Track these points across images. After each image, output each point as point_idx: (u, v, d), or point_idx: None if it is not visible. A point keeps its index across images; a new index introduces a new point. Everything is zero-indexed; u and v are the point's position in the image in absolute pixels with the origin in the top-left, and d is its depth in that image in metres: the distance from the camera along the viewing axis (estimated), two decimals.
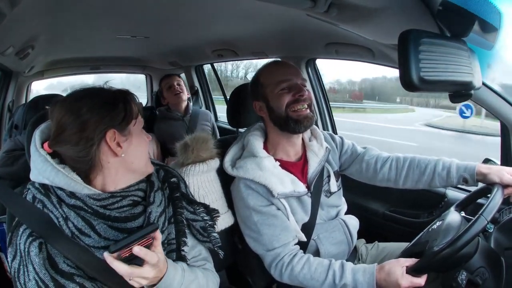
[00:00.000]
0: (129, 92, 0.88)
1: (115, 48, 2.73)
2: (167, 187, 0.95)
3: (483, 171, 1.10)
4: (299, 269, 1.10)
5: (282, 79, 1.17)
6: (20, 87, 2.91)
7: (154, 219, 0.85)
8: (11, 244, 0.78)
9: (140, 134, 0.87)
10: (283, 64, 1.26)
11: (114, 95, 0.84)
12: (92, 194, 0.80)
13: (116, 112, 0.82)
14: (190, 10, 1.59)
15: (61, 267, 0.75)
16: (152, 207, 0.86)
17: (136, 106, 0.87)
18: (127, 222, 0.82)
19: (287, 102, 1.16)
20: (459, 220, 1.03)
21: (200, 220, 0.97)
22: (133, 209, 0.84)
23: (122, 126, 0.82)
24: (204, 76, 3.38)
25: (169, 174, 0.98)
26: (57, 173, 0.78)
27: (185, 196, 0.97)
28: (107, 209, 0.81)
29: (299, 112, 1.16)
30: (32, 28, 1.64)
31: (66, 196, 0.79)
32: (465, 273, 0.93)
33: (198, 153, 1.21)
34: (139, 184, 0.88)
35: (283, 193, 1.14)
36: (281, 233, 1.14)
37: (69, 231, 0.77)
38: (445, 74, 0.80)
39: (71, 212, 0.78)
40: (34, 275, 0.73)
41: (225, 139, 1.42)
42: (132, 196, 0.85)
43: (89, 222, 0.78)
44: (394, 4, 0.91)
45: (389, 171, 1.27)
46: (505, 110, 1.23)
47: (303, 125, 1.16)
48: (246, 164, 1.16)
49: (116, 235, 0.79)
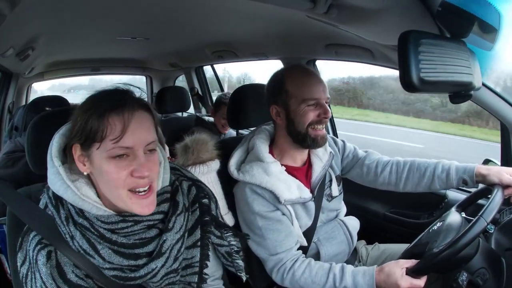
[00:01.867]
0: (122, 101, 0.71)
1: (115, 49, 2.73)
2: (198, 209, 0.87)
3: (482, 172, 1.10)
4: (300, 273, 1.10)
5: (311, 97, 1.13)
6: (20, 88, 2.91)
7: (168, 248, 0.77)
8: (21, 249, 0.75)
9: (106, 161, 0.70)
10: (313, 76, 1.16)
11: (102, 104, 0.71)
12: (101, 216, 0.74)
13: (80, 124, 0.71)
14: (190, 12, 1.60)
15: (69, 277, 0.72)
16: (169, 235, 0.77)
17: (121, 122, 0.69)
18: (134, 249, 0.75)
19: (310, 120, 1.13)
20: (460, 221, 1.03)
21: (226, 245, 0.93)
22: (145, 232, 0.77)
23: (85, 143, 0.71)
24: (204, 78, 3.38)
25: (201, 193, 0.89)
26: (66, 189, 0.73)
27: (215, 219, 0.91)
28: (114, 233, 0.74)
29: (318, 131, 1.14)
30: (32, 29, 1.65)
31: (75, 212, 0.74)
32: (466, 274, 0.93)
33: (198, 154, 1.21)
34: (160, 206, 0.79)
35: (290, 200, 1.13)
36: (285, 238, 1.14)
37: (75, 248, 0.73)
38: (445, 75, 0.81)
39: (77, 232, 0.73)
40: (41, 284, 0.70)
41: (225, 141, 1.42)
42: (148, 221, 0.77)
43: (93, 245, 0.72)
44: (394, 5, 0.91)
45: (389, 175, 1.27)
46: (505, 111, 1.23)
47: (318, 144, 1.16)
48: (252, 169, 1.15)
49: (120, 261, 0.73)
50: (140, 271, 0.75)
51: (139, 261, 0.75)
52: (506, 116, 1.24)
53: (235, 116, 1.45)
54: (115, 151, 0.69)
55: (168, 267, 0.78)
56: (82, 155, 0.73)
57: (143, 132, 0.72)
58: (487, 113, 1.25)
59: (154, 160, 0.75)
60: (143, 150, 0.72)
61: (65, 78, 3.64)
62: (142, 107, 0.74)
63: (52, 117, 1.01)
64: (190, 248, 0.85)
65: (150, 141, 0.73)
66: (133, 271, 0.75)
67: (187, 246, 0.85)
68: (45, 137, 0.94)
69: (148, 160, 0.73)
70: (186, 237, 0.83)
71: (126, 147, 0.70)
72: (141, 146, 0.72)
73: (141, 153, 0.72)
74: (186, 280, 0.85)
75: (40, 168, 0.96)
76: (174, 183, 0.86)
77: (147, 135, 0.73)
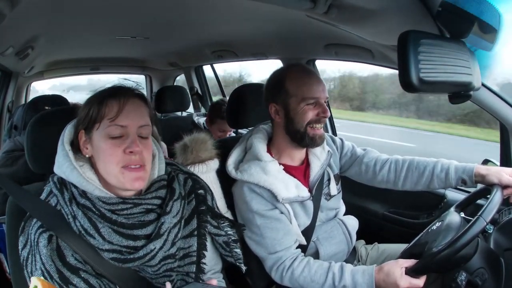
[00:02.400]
0: (119, 90, 0.83)
1: (115, 48, 2.72)
2: (194, 199, 0.92)
3: (481, 172, 1.10)
4: (299, 272, 1.10)
5: (311, 96, 1.14)
6: (20, 87, 2.91)
7: (166, 230, 0.81)
8: (23, 233, 0.79)
9: (104, 140, 0.79)
10: (313, 76, 1.18)
11: (102, 93, 0.82)
12: (103, 197, 0.79)
13: (85, 112, 0.81)
14: (190, 11, 1.59)
15: (69, 260, 0.76)
16: (167, 218, 0.82)
17: (113, 107, 0.80)
18: (133, 229, 0.79)
19: (309, 119, 1.14)
20: (459, 221, 1.03)
21: (224, 235, 0.97)
22: (144, 216, 0.81)
23: (88, 127, 0.81)
24: (204, 77, 3.38)
25: (197, 184, 0.95)
26: (72, 170, 0.79)
27: (211, 209, 0.95)
28: (114, 214, 0.79)
29: (316, 130, 1.15)
30: (32, 28, 1.64)
31: (78, 194, 0.79)
32: (465, 273, 0.93)
33: (197, 153, 1.21)
34: (157, 191, 0.85)
35: (288, 198, 1.14)
36: (284, 237, 1.14)
37: (76, 229, 0.77)
38: (444, 75, 0.80)
39: (79, 211, 0.77)
40: (40, 265, 0.74)
41: (224, 140, 1.42)
42: (146, 204, 0.82)
43: (94, 224, 0.77)
44: (393, 5, 0.91)
45: (388, 173, 1.27)
46: (505, 111, 1.23)
47: (316, 143, 1.17)
48: (250, 168, 1.15)
49: (119, 240, 0.77)
50: (139, 252, 0.78)
51: (137, 242, 0.79)
52: (505, 117, 1.24)
53: (234, 116, 1.45)
54: (111, 129, 0.79)
55: (166, 251, 0.81)
56: (85, 141, 0.81)
57: (137, 115, 0.81)
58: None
59: (147, 145, 0.83)
60: (136, 131, 0.81)
61: (65, 77, 3.63)
62: (136, 96, 0.84)
63: (52, 116, 1.01)
64: (187, 237, 0.89)
65: (143, 124, 0.82)
66: (132, 254, 0.78)
67: (184, 236, 0.88)
68: (44, 136, 0.95)
69: (141, 142, 0.81)
70: (183, 224, 0.87)
71: (121, 126, 0.79)
72: (135, 127, 0.80)
73: (134, 133, 0.80)
74: (184, 270, 0.87)
75: (40, 167, 0.96)
76: (170, 174, 0.92)
77: (140, 118, 0.82)
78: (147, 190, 0.86)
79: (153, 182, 0.87)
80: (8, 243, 0.88)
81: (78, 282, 0.74)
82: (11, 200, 0.90)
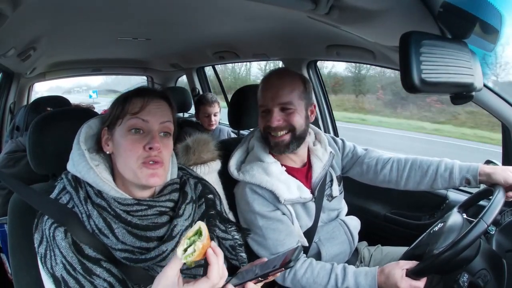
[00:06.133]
0: (144, 90, 0.85)
1: (117, 49, 2.74)
2: (204, 203, 0.94)
3: (487, 171, 1.09)
4: (302, 273, 1.10)
5: (261, 103, 1.17)
6: (22, 88, 2.93)
7: (178, 233, 0.82)
8: (37, 230, 0.78)
9: (125, 135, 0.80)
10: (267, 83, 1.17)
11: (128, 93, 0.84)
12: (118, 198, 0.80)
13: (110, 110, 0.84)
14: (191, 12, 1.60)
15: (87, 253, 0.75)
16: (179, 220, 0.83)
17: (138, 104, 0.81)
18: (146, 231, 0.80)
19: (263, 126, 1.17)
20: (461, 222, 1.02)
21: (230, 239, 0.97)
22: (157, 218, 0.82)
23: (111, 124, 0.83)
24: (206, 78, 3.38)
25: (206, 189, 0.97)
26: (88, 170, 0.80)
27: (220, 214, 0.97)
28: (129, 215, 0.79)
29: (274, 138, 1.15)
30: (34, 30, 1.65)
31: (93, 193, 0.80)
32: (467, 275, 0.93)
33: (199, 154, 1.20)
34: (170, 194, 0.86)
35: (290, 199, 1.14)
36: (286, 238, 1.14)
37: (90, 227, 0.77)
38: (446, 76, 0.80)
39: (95, 211, 0.78)
40: (61, 259, 0.73)
41: (226, 141, 1.42)
42: (160, 206, 0.83)
43: (109, 224, 0.77)
44: (395, 6, 0.92)
45: (390, 172, 1.26)
46: (506, 112, 1.23)
47: (280, 150, 1.16)
48: (252, 169, 1.16)
49: (133, 241, 0.78)
50: (151, 253, 0.78)
51: (150, 244, 0.79)
52: (507, 117, 1.24)
53: (236, 117, 1.45)
54: (132, 121, 0.80)
55: None
56: (107, 138, 0.83)
57: (159, 112, 0.82)
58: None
59: (167, 143, 0.84)
60: (158, 129, 0.82)
61: (66, 78, 3.64)
62: (162, 97, 0.85)
63: (54, 118, 1.01)
64: None
65: (165, 120, 0.83)
66: (143, 254, 0.78)
67: None
68: (46, 137, 0.95)
69: (161, 141, 0.81)
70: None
71: (143, 119, 0.80)
72: (156, 123, 0.81)
73: (155, 130, 0.81)
74: (192, 273, 0.87)
75: (41, 168, 0.96)
76: (182, 178, 0.94)
77: (162, 116, 0.83)
78: (161, 192, 0.86)
79: (166, 185, 0.88)
80: (10, 243, 0.89)
81: (101, 272, 0.74)
82: (13, 201, 0.90)
